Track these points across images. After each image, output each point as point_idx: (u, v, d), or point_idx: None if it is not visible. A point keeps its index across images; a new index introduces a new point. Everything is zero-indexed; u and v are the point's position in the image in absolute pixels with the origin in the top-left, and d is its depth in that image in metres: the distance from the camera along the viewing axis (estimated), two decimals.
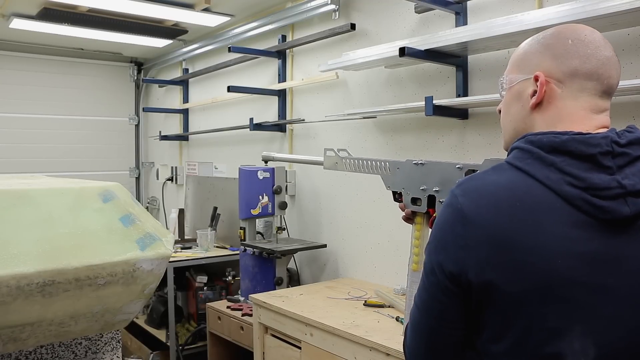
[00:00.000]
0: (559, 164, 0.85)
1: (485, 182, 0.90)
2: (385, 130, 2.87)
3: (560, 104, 0.92)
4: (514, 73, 1.00)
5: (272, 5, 3.59)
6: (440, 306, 0.90)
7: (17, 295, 1.40)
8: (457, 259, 0.86)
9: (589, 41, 0.92)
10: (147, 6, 3.54)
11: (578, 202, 0.83)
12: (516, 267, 0.82)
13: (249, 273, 3.03)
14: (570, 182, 0.84)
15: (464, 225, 0.86)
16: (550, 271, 0.82)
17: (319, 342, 2.23)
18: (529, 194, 0.85)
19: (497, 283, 0.83)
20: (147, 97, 5.47)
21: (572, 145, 0.85)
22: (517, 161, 0.89)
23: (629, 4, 1.70)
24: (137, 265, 1.59)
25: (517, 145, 0.92)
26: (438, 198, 1.19)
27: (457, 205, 0.88)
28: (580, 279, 0.82)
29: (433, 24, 2.61)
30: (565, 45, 0.93)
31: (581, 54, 0.91)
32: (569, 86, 0.92)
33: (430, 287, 0.91)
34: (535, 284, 0.82)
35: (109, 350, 1.80)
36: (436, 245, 0.91)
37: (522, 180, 0.87)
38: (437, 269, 0.89)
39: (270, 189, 3.09)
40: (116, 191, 1.70)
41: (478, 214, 0.86)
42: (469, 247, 0.85)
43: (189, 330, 3.53)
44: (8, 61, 4.77)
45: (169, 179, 4.94)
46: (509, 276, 0.83)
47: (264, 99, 3.73)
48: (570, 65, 0.92)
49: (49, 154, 4.97)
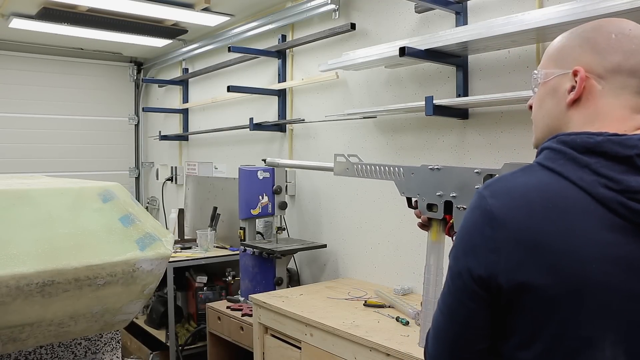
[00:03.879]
0: (594, 165, 0.81)
1: (515, 183, 0.85)
2: (385, 130, 2.87)
3: (599, 101, 0.87)
4: (550, 67, 0.94)
5: (272, 5, 3.59)
6: (467, 312, 0.86)
7: (17, 296, 1.40)
8: (487, 263, 0.82)
9: (634, 36, 0.87)
10: (147, 6, 3.54)
11: (613, 205, 0.80)
12: (549, 270, 0.79)
13: (249, 273, 3.03)
14: (606, 184, 0.80)
15: (494, 228, 0.82)
16: (584, 276, 0.79)
17: (319, 343, 2.23)
18: (562, 196, 0.81)
19: (529, 287, 0.80)
20: (146, 97, 5.47)
21: (608, 146, 0.81)
22: (549, 162, 0.85)
23: (629, 3, 1.70)
24: (137, 265, 1.59)
25: (548, 146, 0.88)
26: (455, 204, 1.16)
27: (486, 207, 0.84)
28: (615, 284, 0.79)
29: (433, 24, 2.61)
30: (608, 39, 0.87)
31: (625, 49, 0.86)
32: (610, 83, 0.87)
33: (456, 291, 0.87)
34: (568, 288, 0.79)
35: (108, 350, 1.79)
36: (464, 248, 0.86)
37: (555, 181, 0.83)
38: (465, 274, 0.85)
39: (270, 189, 3.09)
40: (116, 191, 1.69)
41: (509, 216, 0.82)
42: (500, 250, 0.81)
43: (189, 331, 3.52)
44: (8, 61, 4.77)
45: (169, 179, 4.94)
46: (542, 280, 0.79)
47: (263, 98, 3.73)
48: (613, 61, 0.86)
49: (49, 154, 4.97)
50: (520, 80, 2.25)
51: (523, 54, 2.25)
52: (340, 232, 3.15)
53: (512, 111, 2.30)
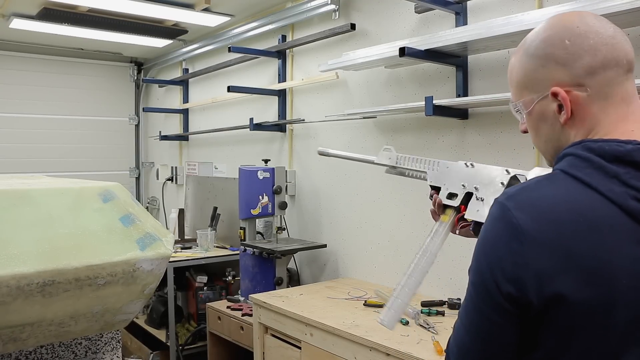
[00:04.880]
0: (623, 176, 0.78)
1: (541, 194, 0.81)
2: (385, 130, 2.87)
3: (592, 109, 0.85)
4: (526, 95, 0.91)
5: (272, 5, 3.59)
6: (495, 328, 0.82)
7: (17, 296, 1.40)
8: (515, 278, 0.78)
9: (585, 31, 0.85)
10: (147, 6, 3.54)
11: None
12: (579, 286, 0.76)
13: (249, 273, 3.03)
14: (636, 197, 0.77)
15: (522, 242, 0.78)
16: (614, 291, 0.76)
17: (319, 342, 2.23)
18: (591, 208, 0.78)
19: (560, 301, 0.76)
20: (147, 97, 5.47)
21: (638, 155, 0.78)
22: (575, 170, 0.81)
23: (629, 3, 1.70)
24: (137, 265, 1.59)
25: (572, 152, 0.84)
26: (476, 195, 1.20)
27: (511, 219, 0.79)
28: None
29: (433, 24, 2.61)
30: (565, 47, 0.85)
31: (586, 49, 0.84)
32: (592, 87, 0.84)
33: (483, 307, 0.83)
34: (599, 302, 0.76)
35: (109, 350, 1.80)
36: (489, 263, 0.81)
37: (583, 192, 0.79)
38: (492, 289, 0.80)
39: (270, 189, 3.09)
40: (116, 191, 1.70)
41: (537, 230, 0.78)
42: (529, 265, 0.77)
43: (189, 330, 3.53)
44: (8, 61, 4.77)
45: (169, 179, 4.94)
46: (572, 295, 0.76)
47: (264, 99, 3.73)
48: (583, 64, 0.84)
49: (49, 154, 4.97)
50: None
51: None
52: (340, 232, 3.15)
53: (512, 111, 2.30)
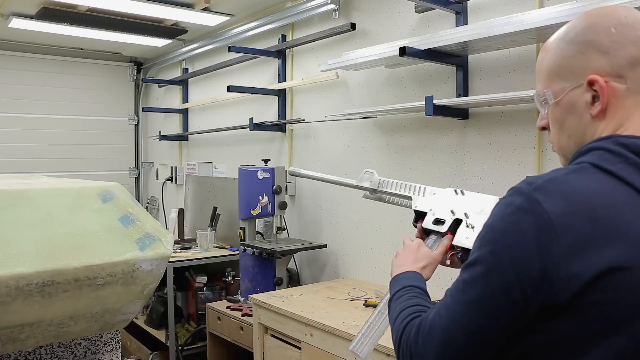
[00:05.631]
0: None
1: (573, 186, 0.76)
2: (385, 130, 2.87)
3: (627, 102, 0.80)
4: (557, 84, 0.85)
5: (272, 4, 3.59)
6: (497, 326, 0.77)
7: (16, 296, 1.40)
8: (544, 280, 0.73)
9: (633, 21, 0.80)
10: (147, 6, 3.54)
11: None
12: (611, 289, 0.72)
13: (248, 273, 3.02)
14: None
15: (553, 239, 0.72)
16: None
17: (319, 343, 2.23)
18: (628, 205, 0.74)
19: (587, 304, 0.72)
20: (146, 97, 5.47)
21: None
22: (607, 164, 0.77)
23: (629, 3, 1.69)
24: (137, 265, 1.59)
25: (601, 146, 0.79)
26: (466, 222, 1.12)
27: (542, 213, 0.74)
28: None
29: (433, 24, 2.61)
30: (610, 35, 0.80)
31: (632, 39, 0.79)
32: (632, 78, 0.79)
33: (493, 304, 0.77)
34: (627, 312, 0.72)
35: (108, 350, 1.79)
36: (514, 260, 0.75)
37: (617, 186, 0.75)
38: (514, 289, 0.75)
39: (270, 189, 3.09)
40: (115, 191, 1.69)
41: (571, 225, 0.73)
42: (560, 266, 0.72)
43: (189, 331, 3.52)
44: (7, 61, 4.76)
45: (169, 179, 4.93)
46: (600, 298, 0.72)
47: (263, 98, 3.73)
48: (626, 55, 0.79)
49: (49, 154, 4.96)
50: (520, 80, 2.25)
51: (523, 54, 2.25)
52: (340, 232, 3.15)
53: (512, 111, 2.30)
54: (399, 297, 1.00)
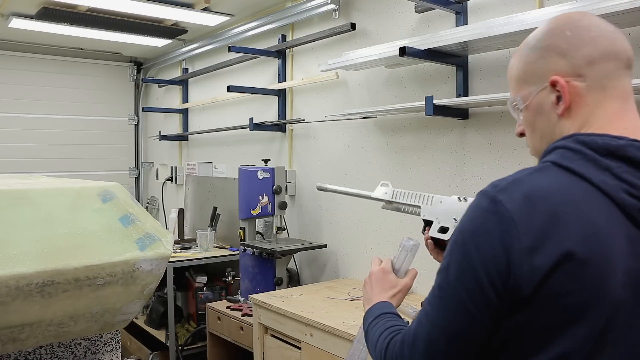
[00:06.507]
0: (615, 170, 0.78)
1: (533, 186, 0.79)
2: (385, 130, 2.87)
3: (589, 100, 0.84)
4: (525, 89, 0.90)
5: (272, 4, 3.59)
6: (477, 326, 0.80)
7: (17, 296, 1.40)
8: (510, 274, 0.76)
9: (587, 24, 0.85)
10: (147, 6, 3.54)
11: (634, 213, 0.77)
12: (569, 279, 0.75)
13: (248, 273, 3.02)
14: (628, 191, 0.77)
15: (516, 237, 0.76)
16: (602, 289, 0.75)
17: (319, 343, 2.23)
18: (585, 199, 0.77)
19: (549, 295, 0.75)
20: (146, 97, 5.47)
21: (631, 151, 0.78)
22: (567, 161, 0.81)
23: (630, 3, 1.69)
24: (137, 265, 1.59)
25: (563, 145, 0.83)
26: None
27: (504, 212, 0.77)
28: (624, 298, 0.76)
29: (433, 24, 2.61)
30: (566, 38, 0.85)
31: (587, 40, 0.84)
32: (591, 76, 0.84)
33: (469, 303, 0.80)
34: (586, 302, 0.75)
35: (108, 350, 1.79)
36: (482, 259, 0.78)
37: (575, 183, 0.79)
38: (485, 287, 0.78)
39: (270, 189, 3.09)
40: (115, 191, 1.69)
41: (530, 221, 0.76)
42: (523, 261, 0.75)
43: (189, 331, 3.52)
44: (7, 61, 4.76)
45: (169, 179, 4.93)
46: (560, 289, 0.75)
47: (263, 98, 3.73)
48: (584, 54, 0.84)
49: (49, 154, 4.96)
50: None
51: None
52: (340, 232, 3.15)
53: None
54: (374, 325, 1.04)
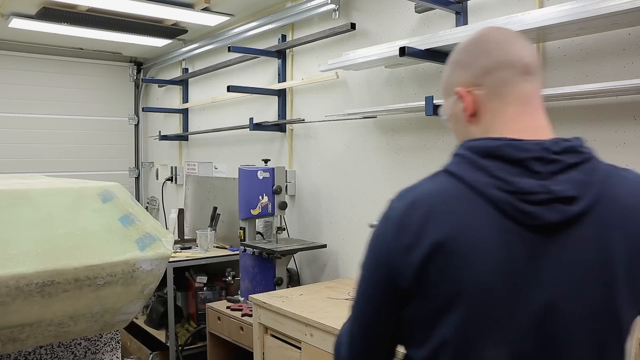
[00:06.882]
0: (490, 168, 0.85)
1: (420, 190, 0.90)
2: (385, 130, 2.87)
3: (489, 107, 0.93)
4: (446, 101, 1.02)
5: (272, 4, 3.59)
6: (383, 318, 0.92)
7: (16, 296, 1.40)
8: (395, 269, 0.87)
9: (486, 39, 0.94)
10: (147, 6, 3.54)
11: (505, 207, 0.83)
12: (440, 269, 0.83)
13: (248, 273, 3.02)
14: (499, 186, 0.83)
15: (400, 235, 0.87)
16: (472, 277, 0.82)
17: (319, 343, 2.23)
18: (458, 198, 0.85)
19: (426, 286, 0.84)
20: (146, 97, 5.47)
21: (506, 150, 0.85)
22: (452, 166, 0.90)
23: (630, 3, 1.69)
24: (137, 265, 1.59)
25: (456, 152, 0.93)
26: None
27: (394, 216, 0.89)
28: (499, 286, 0.82)
29: (433, 24, 2.61)
30: (467, 52, 0.96)
31: (484, 52, 0.93)
32: (488, 85, 0.92)
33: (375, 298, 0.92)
34: (457, 289, 0.83)
35: (108, 350, 1.79)
36: (378, 257, 0.91)
37: (453, 184, 0.87)
38: (383, 282, 0.90)
39: (270, 189, 3.09)
40: (115, 191, 1.69)
41: (410, 222, 0.86)
42: (402, 257, 0.86)
43: (189, 331, 3.52)
44: (7, 61, 4.76)
45: (169, 179, 4.93)
46: (434, 279, 0.84)
47: (263, 98, 3.73)
48: (479, 65, 0.93)
49: (49, 154, 4.96)
50: None
51: None
52: (340, 232, 3.15)
53: None
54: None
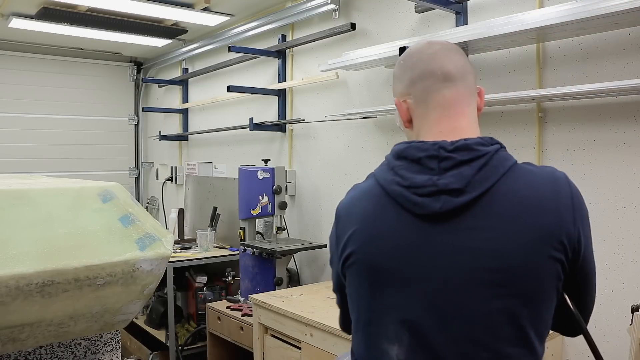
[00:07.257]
0: (396, 168, 1.00)
1: (355, 189, 1.10)
2: (385, 130, 2.87)
3: (418, 112, 1.06)
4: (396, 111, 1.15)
5: (272, 4, 3.59)
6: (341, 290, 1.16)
7: (16, 296, 1.40)
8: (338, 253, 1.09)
9: (413, 53, 1.08)
10: (147, 6, 3.54)
11: (400, 199, 0.98)
12: (357, 262, 1.03)
13: (248, 273, 3.02)
14: (398, 182, 0.99)
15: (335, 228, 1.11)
16: (375, 262, 1.00)
17: (319, 343, 2.23)
18: (369, 195, 1.04)
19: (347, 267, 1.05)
20: (146, 97, 5.47)
21: (409, 151, 0.99)
22: (377, 169, 1.06)
23: (630, 3, 1.69)
24: (137, 265, 1.59)
25: (385, 156, 1.07)
26: None
27: (337, 212, 1.12)
28: (397, 269, 0.98)
29: (433, 24, 2.61)
30: (400, 67, 1.10)
31: (410, 66, 1.07)
32: (414, 94, 1.06)
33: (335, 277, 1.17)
34: (360, 266, 1.02)
35: (108, 350, 1.79)
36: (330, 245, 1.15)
37: (372, 184, 1.05)
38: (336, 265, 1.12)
39: (270, 189, 3.09)
40: (116, 191, 1.69)
41: (340, 217, 1.10)
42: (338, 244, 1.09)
43: (189, 331, 3.52)
44: (7, 61, 4.76)
45: (169, 179, 4.93)
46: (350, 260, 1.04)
47: (263, 98, 3.73)
48: (407, 77, 1.07)
49: (49, 154, 4.96)
50: (520, 80, 2.25)
51: (523, 54, 2.25)
52: None
53: (512, 111, 2.30)
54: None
